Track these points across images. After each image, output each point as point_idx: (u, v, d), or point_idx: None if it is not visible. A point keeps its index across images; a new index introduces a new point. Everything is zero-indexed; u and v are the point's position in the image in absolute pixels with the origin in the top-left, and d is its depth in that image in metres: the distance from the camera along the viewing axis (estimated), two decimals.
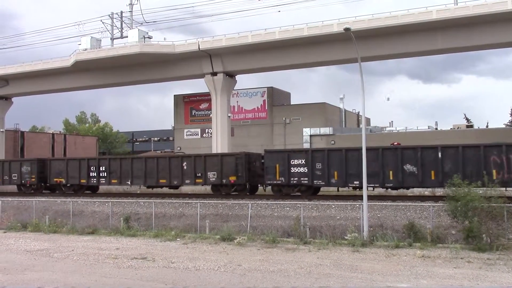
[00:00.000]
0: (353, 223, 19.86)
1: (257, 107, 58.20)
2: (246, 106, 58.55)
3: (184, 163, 29.13)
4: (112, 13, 50.84)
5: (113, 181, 31.29)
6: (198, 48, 44.28)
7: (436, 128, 56.39)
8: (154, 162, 30.11)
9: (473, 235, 16.27)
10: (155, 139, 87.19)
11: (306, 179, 25.92)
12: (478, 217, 16.48)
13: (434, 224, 18.54)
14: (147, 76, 49.92)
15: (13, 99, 60.41)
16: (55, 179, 33.11)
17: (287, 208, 22.90)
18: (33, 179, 33.61)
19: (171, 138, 74.82)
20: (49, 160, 34.83)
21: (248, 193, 28.53)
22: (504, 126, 49.61)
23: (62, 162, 33.75)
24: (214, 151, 44.39)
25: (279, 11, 49.96)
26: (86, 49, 47.51)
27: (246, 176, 27.77)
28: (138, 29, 47.18)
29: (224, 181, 27.99)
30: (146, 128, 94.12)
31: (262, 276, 12.61)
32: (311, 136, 51.43)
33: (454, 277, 12.31)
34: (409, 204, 21.46)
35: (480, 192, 17.14)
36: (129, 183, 30.75)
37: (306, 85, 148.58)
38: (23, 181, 34.21)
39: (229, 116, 47.72)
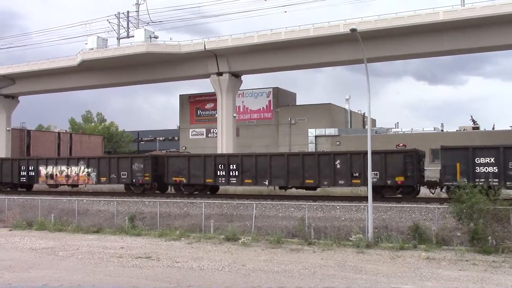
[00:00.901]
0: (358, 224, 19.81)
1: (263, 108, 58.21)
2: (252, 106, 58.57)
3: (337, 161, 26.39)
4: (119, 13, 51.07)
5: (246, 181, 28.08)
6: (204, 48, 44.34)
7: (442, 130, 56.21)
8: (299, 159, 26.85)
9: (479, 237, 16.19)
10: (161, 138, 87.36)
11: (496, 180, 22.38)
12: (484, 220, 16.41)
13: (439, 226, 18.46)
14: (153, 76, 50.04)
15: (20, 98, 60.72)
16: (174, 178, 29.74)
17: (292, 209, 22.88)
18: (147, 178, 30.40)
19: (176, 138, 74.96)
20: (167, 157, 31.59)
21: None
22: (510, 128, 49.33)
23: (183, 159, 30.34)
24: (219, 151, 44.41)
25: (285, 12, 49.94)
26: (92, 49, 47.69)
27: (417, 176, 24.75)
28: (145, 29, 47.33)
29: (388, 182, 24.81)
30: (151, 127, 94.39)
31: (267, 277, 12.60)
32: (316, 137, 51.39)
33: (459, 279, 12.26)
34: (414, 205, 21.39)
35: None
36: (266, 183, 27.69)
37: (311, 86, 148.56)
38: (133, 180, 30.79)
39: (235, 116, 47.75)
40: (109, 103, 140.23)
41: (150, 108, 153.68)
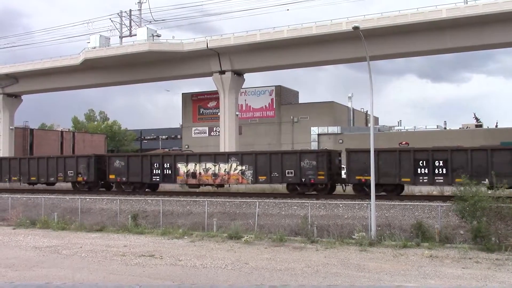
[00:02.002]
0: (361, 222, 19.80)
1: (265, 106, 58.20)
2: (254, 104, 58.56)
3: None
4: (121, 12, 51.12)
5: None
6: (206, 46, 44.33)
7: (445, 128, 56.11)
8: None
9: (482, 235, 16.16)
10: (163, 137, 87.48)
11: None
12: (487, 217, 16.38)
13: (442, 224, 18.43)
14: (155, 74, 50.08)
15: (23, 96, 60.83)
16: (358, 177, 25.34)
17: (295, 207, 22.88)
18: (321, 177, 26.34)
19: (179, 136, 75.06)
20: (350, 151, 26.32)
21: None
22: None
23: (367, 154, 23.07)
24: (221, 149, 44.42)
25: (288, 10, 49.90)
26: (95, 47, 47.75)
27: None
28: (147, 28, 47.35)
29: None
30: (154, 126, 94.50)
31: (269, 275, 12.60)
32: (319, 135, 51.36)
33: (462, 277, 12.24)
34: (417, 203, 21.37)
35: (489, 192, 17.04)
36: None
37: (314, 84, 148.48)
38: (303, 179, 26.65)
39: (237, 115, 47.74)
40: (111, 101, 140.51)
41: (152, 107, 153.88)
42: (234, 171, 28.51)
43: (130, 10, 50.92)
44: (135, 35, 48.57)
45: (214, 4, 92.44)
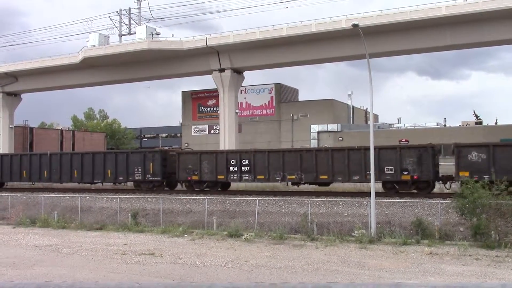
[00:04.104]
0: (361, 219, 19.82)
1: (265, 104, 58.15)
2: (254, 102, 58.51)
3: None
4: (120, 10, 51.01)
5: None
6: (205, 44, 44.27)
7: (445, 125, 56.10)
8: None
9: (481, 232, 16.18)
10: (163, 135, 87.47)
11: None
12: (486, 214, 16.40)
13: (442, 221, 18.45)
14: (155, 73, 50.01)
15: (22, 95, 60.77)
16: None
17: (295, 205, 22.89)
18: None
19: (178, 135, 75.04)
20: None
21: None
22: None
23: None
24: (221, 147, 44.42)
25: (287, 7, 49.85)
26: (94, 46, 47.67)
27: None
28: (146, 26, 47.26)
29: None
30: (154, 124, 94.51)
31: (270, 273, 12.61)
32: (319, 132, 51.35)
33: (462, 274, 12.25)
34: (417, 201, 21.39)
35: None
36: None
37: (314, 82, 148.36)
38: None
39: (237, 113, 47.69)
40: (111, 100, 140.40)
41: (152, 105, 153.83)
42: None
43: (129, 8, 50.87)
44: (135, 33, 48.49)
45: (213, 2, 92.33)
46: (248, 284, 3.45)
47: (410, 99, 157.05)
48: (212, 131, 59.29)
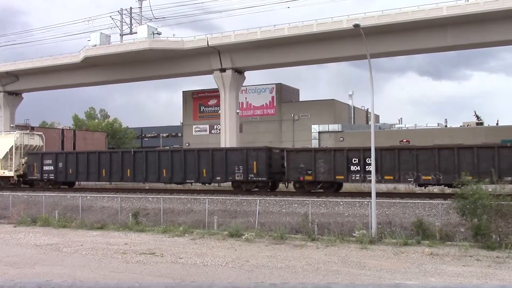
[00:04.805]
0: (361, 220, 19.81)
1: (266, 104, 58.13)
2: (255, 102, 58.50)
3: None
4: (122, 9, 51.02)
5: None
6: (207, 44, 44.28)
7: (446, 126, 56.07)
8: None
9: (482, 233, 16.17)
10: (164, 135, 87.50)
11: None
12: (487, 215, 16.38)
13: (442, 222, 18.44)
14: (156, 72, 50.03)
15: (23, 94, 60.82)
16: None
17: (295, 205, 22.89)
18: None
19: (179, 134, 75.04)
20: None
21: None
22: None
23: None
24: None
25: (288, 7, 49.77)
26: (95, 45, 47.70)
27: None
28: (147, 25, 47.28)
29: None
30: (155, 124, 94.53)
31: (270, 272, 12.62)
32: (319, 133, 51.34)
33: (463, 275, 12.24)
34: (418, 201, 21.37)
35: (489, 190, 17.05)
36: None
37: (315, 82, 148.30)
38: None
39: (238, 113, 47.70)
40: (112, 99, 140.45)
41: (153, 105, 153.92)
42: None
43: (131, 8, 50.87)
44: (136, 33, 48.49)
45: (214, 2, 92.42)
46: (248, 284, 3.46)
47: (411, 99, 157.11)
48: (213, 131, 59.29)
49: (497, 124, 59.32)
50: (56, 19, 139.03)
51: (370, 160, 22.45)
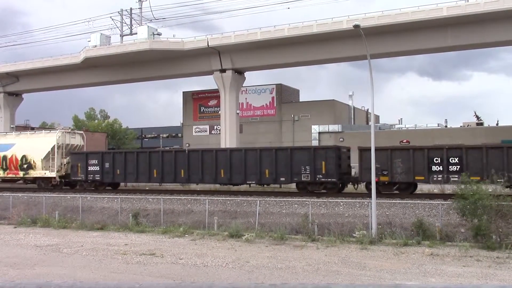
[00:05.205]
0: (362, 220, 19.81)
1: (266, 104, 58.14)
2: (255, 103, 58.51)
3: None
4: (122, 10, 51.09)
5: None
6: (207, 45, 44.30)
7: (446, 126, 56.06)
8: None
9: (482, 233, 16.17)
10: (164, 135, 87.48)
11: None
12: (487, 216, 16.38)
13: (443, 222, 18.44)
14: (156, 73, 50.07)
15: (23, 95, 60.86)
16: None
17: (295, 205, 22.89)
18: None
19: (179, 135, 75.03)
20: None
21: None
22: None
23: None
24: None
25: (289, 8, 49.71)
26: (95, 46, 47.74)
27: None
28: (148, 26, 47.32)
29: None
30: (155, 124, 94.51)
31: (270, 273, 12.61)
32: (320, 133, 51.34)
33: (463, 275, 12.24)
34: (418, 202, 21.36)
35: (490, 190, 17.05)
36: None
37: (315, 82, 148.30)
38: None
39: (238, 113, 47.72)
40: (112, 100, 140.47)
41: (153, 105, 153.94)
42: None
43: (131, 9, 50.93)
44: (136, 33, 48.54)
45: (214, 3, 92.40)
46: (248, 285, 3.45)
47: (411, 100, 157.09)
48: (213, 132, 59.30)
49: (497, 124, 59.32)
50: (56, 20, 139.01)
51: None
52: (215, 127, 58.21)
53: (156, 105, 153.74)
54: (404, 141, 43.54)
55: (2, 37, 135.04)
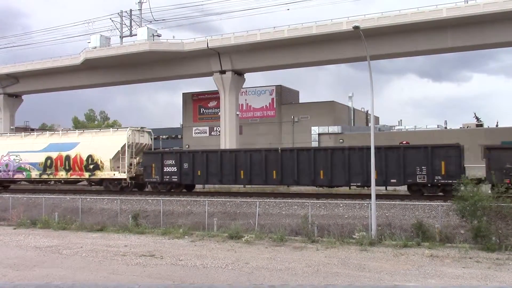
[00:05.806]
0: (361, 222, 19.80)
1: (266, 106, 58.17)
2: (255, 104, 58.53)
3: None
4: (121, 11, 51.08)
5: None
6: (207, 46, 44.34)
7: (446, 127, 56.07)
8: None
9: (482, 234, 16.16)
10: (164, 137, 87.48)
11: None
12: (487, 217, 16.38)
13: (442, 224, 18.44)
14: (156, 74, 50.10)
15: (23, 96, 60.88)
16: None
17: (295, 207, 22.88)
18: None
19: (179, 136, 75.03)
20: None
21: None
22: None
23: None
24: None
25: (288, 9, 49.83)
26: (95, 47, 47.76)
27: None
28: (147, 27, 47.33)
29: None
30: (154, 126, 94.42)
31: (270, 274, 12.61)
32: (319, 134, 51.34)
33: (462, 277, 12.24)
34: (418, 203, 21.36)
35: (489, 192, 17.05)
36: None
37: (315, 84, 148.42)
38: None
39: (238, 114, 47.74)
40: (112, 101, 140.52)
41: (153, 107, 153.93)
42: None
43: (131, 10, 50.92)
44: (136, 35, 48.54)
45: (214, 4, 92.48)
46: (248, 286, 3.46)
47: (411, 101, 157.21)
48: (213, 133, 59.32)
49: (497, 125, 59.36)
50: (56, 21, 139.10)
51: None
52: (215, 129, 58.23)
53: (156, 107, 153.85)
54: (404, 142, 43.54)
55: (2, 39, 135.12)
